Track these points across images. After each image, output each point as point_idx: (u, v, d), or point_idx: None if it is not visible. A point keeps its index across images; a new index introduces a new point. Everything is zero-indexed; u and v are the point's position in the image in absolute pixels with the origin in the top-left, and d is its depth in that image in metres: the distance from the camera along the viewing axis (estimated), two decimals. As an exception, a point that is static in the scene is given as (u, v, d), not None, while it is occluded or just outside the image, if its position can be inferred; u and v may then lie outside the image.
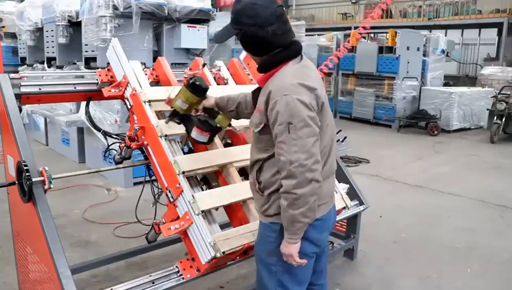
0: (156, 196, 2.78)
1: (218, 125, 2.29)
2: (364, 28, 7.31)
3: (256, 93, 1.97)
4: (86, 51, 5.69)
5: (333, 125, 1.97)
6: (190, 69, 3.07)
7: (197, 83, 2.19)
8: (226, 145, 2.84)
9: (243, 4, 1.80)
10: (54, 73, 5.32)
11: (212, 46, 7.77)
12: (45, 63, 6.99)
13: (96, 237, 4.05)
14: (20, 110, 4.56)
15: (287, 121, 1.70)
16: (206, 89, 2.24)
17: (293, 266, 1.89)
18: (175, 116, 2.33)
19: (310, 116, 1.71)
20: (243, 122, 2.83)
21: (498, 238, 4.30)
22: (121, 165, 2.68)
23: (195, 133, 2.28)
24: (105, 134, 2.88)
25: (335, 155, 2.01)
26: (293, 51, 1.85)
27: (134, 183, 5.44)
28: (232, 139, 2.93)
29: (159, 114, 2.62)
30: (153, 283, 2.26)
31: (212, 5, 6.54)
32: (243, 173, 2.87)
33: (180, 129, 2.48)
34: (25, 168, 2.15)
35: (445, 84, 12.45)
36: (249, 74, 3.27)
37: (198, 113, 2.31)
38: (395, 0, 19.05)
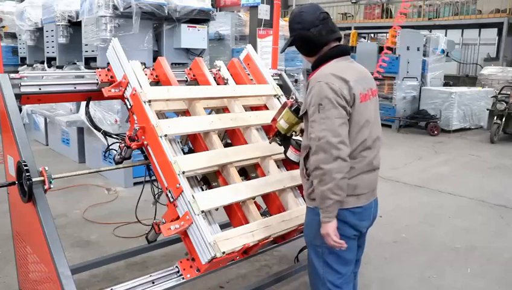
0: (156, 196, 2.78)
1: None
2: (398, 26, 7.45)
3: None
4: (86, 51, 5.69)
5: (376, 124, 2.16)
6: (190, 69, 3.07)
7: (300, 107, 2.35)
8: (226, 145, 2.84)
9: (293, 14, 2.19)
10: (54, 73, 5.33)
11: (212, 46, 7.79)
12: (45, 63, 6.99)
13: (96, 237, 4.04)
14: (20, 110, 4.55)
15: (318, 103, 1.95)
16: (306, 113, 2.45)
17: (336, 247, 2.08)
18: (277, 136, 2.53)
19: (337, 101, 1.94)
20: (243, 122, 2.84)
21: (498, 238, 4.30)
22: (121, 165, 2.68)
23: (289, 152, 2.46)
24: (105, 134, 2.88)
25: (378, 154, 2.18)
26: (337, 50, 2.13)
27: (134, 183, 5.44)
28: (232, 139, 2.93)
29: (159, 114, 2.63)
30: (153, 283, 2.25)
31: (212, 5, 6.55)
32: (243, 173, 2.87)
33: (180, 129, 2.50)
34: (25, 168, 2.15)
35: (445, 84, 12.45)
36: (248, 74, 3.27)
37: (297, 137, 2.49)
38: (396, 0, 19.09)
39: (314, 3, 2.27)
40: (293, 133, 2.47)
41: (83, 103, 4.10)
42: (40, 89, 2.52)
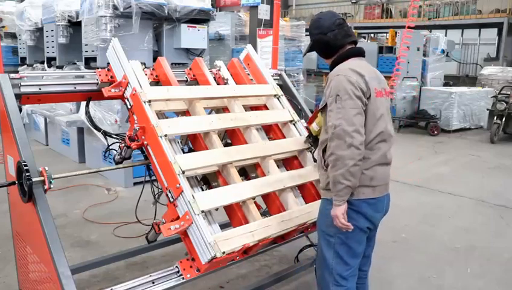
0: (156, 196, 2.78)
1: None
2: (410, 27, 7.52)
3: None
4: (86, 51, 5.69)
5: (390, 122, 2.27)
6: (190, 69, 3.07)
7: None
8: (226, 145, 2.84)
9: (312, 20, 2.39)
10: (54, 73, 5.33)
11: (212, 46, 7.79)
12: (45, 63, 6.99)
13: (96, 237, 4.05)
14: (20, 110, 4.56)
15: (336, 94, 2.09)
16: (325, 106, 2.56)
17: (349, 239, 2.20)
18: (309, 137, 2.85)
19: (354, 92, 2.07)
20: (243, 122, 2.84)
21: (498, 238, 4.30)
22: (121, 165, 2.68)
23: (317, 152, 2.57)
24: (105, 134, 2.88)
25: (390, 148, 2.29)
26: (352, 51, 2.30)
27: (134, 183, 5.45)
28: (232, 139, 2.93)
29: (159, 114, 2.63)
30: (153, 283, 2.25)
31: (212, 5, 6.55)
32: (243, 173, 2.87)
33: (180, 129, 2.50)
34: (25, 168, 2.15)
35: (445, 84, 12.46)
36: (248, 74, 3.27)
37: None
38: (396, 0, 19.10)
39: (331, 10, 2.46)
40: None
41: (83, 103, 4.10)
42: (40, 89, 2.52)
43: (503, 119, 8.98)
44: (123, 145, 2.55)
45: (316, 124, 2.70)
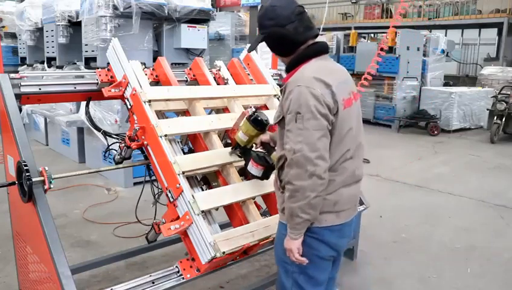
0: (156, 196, 2.78)
1: (272, 162, 2.33)
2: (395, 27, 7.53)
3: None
4: (86, 51, 5.69)
5: (359, 131, 1.94)
6: (190, 69, 3.07)
7: (259, 117, 2.30)
8: (226, 145, 2.84)
9: (263, 9, 1.93)
10: (54, 73, 5.33)
11: (212, 46, 7.80)
12: (45, 63, 7.00)
13: (96, 237, 4.04)
14: (20, 110, 4.55)
15: (296, 111, 1.72)
16: (266, 124, 2.33)
17: (309, 268, 1.91)
18: (237, 148, 2.46)
19: (318, 110, 1.71)
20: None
21: (498, 238, 4.30)
22: (121, 165, 2.68)
23: (249, 166, 2.37)
24: (105, 134, 2.88)
25: (360, 162, 1.98)
26: (315, 49, 1.91)
27: (134, 183, 5.45)
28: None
29: (159, 114, 2.63)
30: (153, 283, 2.25)
31: (212, 5, 6.56)
32: (243, 173, 2.87)
33: (180, 129, 2.50)
34: (25, 168, 2.15)
35: (445, 84, 12.46)
36: (248, 74, 3.27)
37: (258, 149, 2.40)
38: (396, 0, 19.09)
39: None
40: (254, 145, 2.42)
41: (83, 103, 4.10)
42: (40, 89, 2.52)
43: (503, 119, 8.98)
44: (123, 145, 2.55)
45: (243, 133, 2.33)
